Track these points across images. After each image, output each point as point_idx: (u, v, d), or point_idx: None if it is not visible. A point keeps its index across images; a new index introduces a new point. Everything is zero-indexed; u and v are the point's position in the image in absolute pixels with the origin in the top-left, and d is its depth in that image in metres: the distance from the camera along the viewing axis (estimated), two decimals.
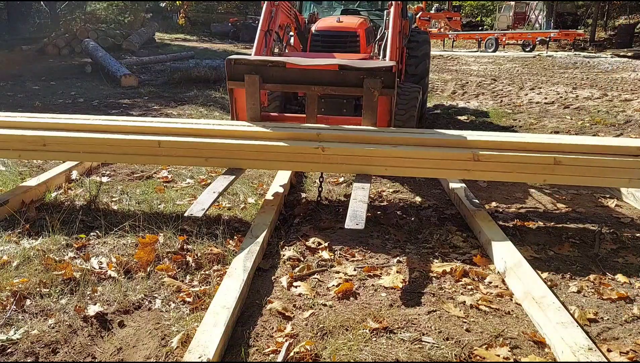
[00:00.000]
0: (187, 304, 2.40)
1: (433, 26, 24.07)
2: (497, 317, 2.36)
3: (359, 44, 4.94)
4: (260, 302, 2.44)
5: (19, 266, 2.64)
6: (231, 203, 3.71)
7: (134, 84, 9.49)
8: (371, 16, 6.00)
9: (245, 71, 3.61)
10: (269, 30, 4.52)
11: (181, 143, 3.40)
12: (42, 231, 3.05)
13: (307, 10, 6.42)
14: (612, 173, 3.19)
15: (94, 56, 11.30)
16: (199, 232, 3.12)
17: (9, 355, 2.03)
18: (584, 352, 1.96)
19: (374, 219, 3.47)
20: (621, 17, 21.96)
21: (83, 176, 4.16)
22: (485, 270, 2.81)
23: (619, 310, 2.45)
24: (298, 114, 4.25)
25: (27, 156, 3.87)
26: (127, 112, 7.06)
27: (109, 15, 18.87)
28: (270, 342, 2.14)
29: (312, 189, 4.03)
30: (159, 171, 4.40)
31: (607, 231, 3.33)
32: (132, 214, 3.39)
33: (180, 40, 20.25)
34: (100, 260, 2.76)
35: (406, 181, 4.29)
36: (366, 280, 2.66)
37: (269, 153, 3.38)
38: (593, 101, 8.88)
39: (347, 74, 3.53)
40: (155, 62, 12.89)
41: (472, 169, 3.23)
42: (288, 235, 3.20)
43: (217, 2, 26.96)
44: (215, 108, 7.50)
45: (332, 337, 2.16)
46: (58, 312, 2.28)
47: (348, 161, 3.35)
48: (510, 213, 3.67)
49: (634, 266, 2.88)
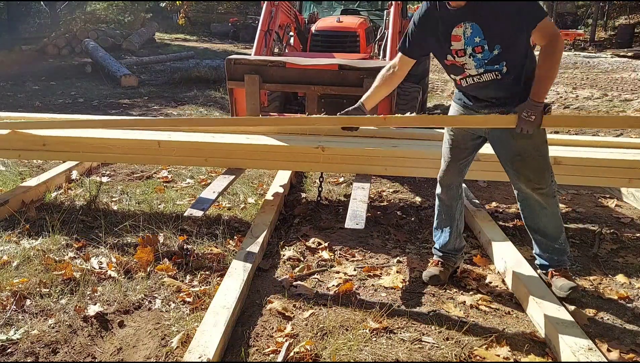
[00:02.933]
0: (187, 304, 2.40)
1: None
2: (497, 317, 2.36)
3: (359, 44, 4.94)
4: (260, 302, 2.43)
5: (19, 266, 2.64)
6: (231, 203, 3.71)
7: (134, 84, 9.49)
8: (371, 16, 6.00)
9: (245, 71, 3.61)
10: (269, 30, 4.52)
11: (181, 142, 3.40)
12: (42, 231, 3.05)
13: (307, 10, 6.43)
14: (612, 173, 3.19)
15: (94, 56, 11.30)
16: (199, 232, 3.12)
17: (9, 355, 2.03)
18: (584, 352, 1.96)
19: (374, 219, 3.47)
20: (621, 17, 21.95)
21: (83, 176, 4.16)
22: (485, 270, 2.81)
23: (619, 310, 2.45)
24: (298, 114, 4.25)
25: (27, 156, 3.87)
26: (127, 112, 7.06)
27: (109, 15, 18.84)
28: (270, 342, 2.14)
29: (312, 189, 4.03)
30: (159, 171, 4.40)
31: (607, 231, 3.33)
32: (132, 214, 3.39)
33: (180, 40, 20.24)
34: (100, 260, 2.76)
35: (406, 181, 4.29)
36: (366, 280, 2.66)
37: (269, 153, 3.38)
38: (593, 101, 8.87)
39: (347, 74, 3.53)
40: (155, 62, 12.89)
41: (472, 169, 3.22)
42: (288, 235, 3.20)
43: (217, 2, 26.93)
44: (215, 108, 7.50)
45: (332, 337, 2.16)
46: (58, 312, 2.28)
47: (348, 161, 3.35)
48: (510, 213, 3.67)
49: (634, 266, 2.88)
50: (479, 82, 2.30)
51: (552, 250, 2.54)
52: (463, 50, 2.23)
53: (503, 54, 2.19)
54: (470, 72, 2.28)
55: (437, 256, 2.73)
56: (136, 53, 14.12)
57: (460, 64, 2.29)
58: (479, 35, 2.18)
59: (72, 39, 13.56)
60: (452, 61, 2.31)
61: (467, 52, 2.23)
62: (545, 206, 2.44)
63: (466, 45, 2.22)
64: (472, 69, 2.27)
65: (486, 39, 2.17)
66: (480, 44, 2.19)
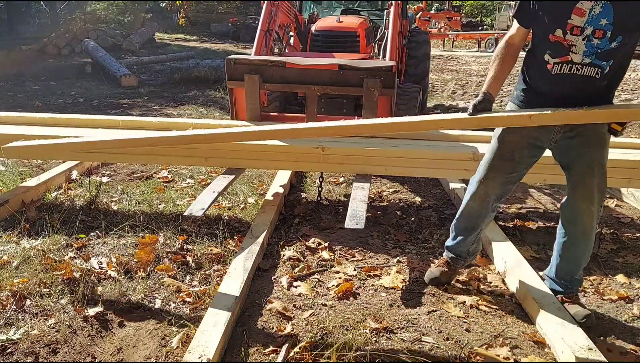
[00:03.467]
0: (187, 304, 2.40)
1: (433, 26, 24.04)
2: (497, 317, 2.36)
3: (359, 44, 4.94)
4: (260, 302, 2.44)
5: (19, 266, 2.64)
6: (231, 203, 3.71)
7: (134, 84, 9.49)
8: (371, 16, 6.00)
9: (245, 71, 3.61)
10: (269, 30, 4.52)
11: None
12: (42, 231, 3.05)
13: (307, 10, 6.42)
14: (612, 173, 3.18)
15: (94, 56, 11.30)
16: (199, 232, 3.12)
17: (9, 355, 2.03)
18: (584, 352, 1.96)
19: (374, 219, 3.47)
20: None
21: (83, 176, 4.16)
22: (485, 270, 2.81)
23: (619, 310, 2.46)
24: (298, 114, 4.25)
25: (27, 156, 3.87)
26: (127, 112, 7.06)
27: (109, 15, 18.84)
28: (270, 342, 2.14)
29: (312, 189, 4.03)
30: (159, 171, 4.40)
31: (607, 231, 3.33)
32: (132, 214, 3.39)
33: (180, 40, 20.25)
34: (100, 260, 2.77)
35: (406, 181, 4.29)
36: (366, 280, 2.66)
37: (269, 153, 3.38)
38: None
39: (346, 74, 3.53)
40: (155, 62, 12.89)
41: (472, 169, 3.23)
42: (288, 235, 3.20)
43: (217, 2, 26.95)
44: (215, 108, 7.50)
45: (332, 337, 2.16)
46: (58, 312, 2.28)
47: (348, 161, 3.35)
48: (510, 213, 3.67)
49: (634, 266, 2.88)
50: (575, 75, 2.01)
51: (571, 279, 2.38)
52: (581, 28, 1.92)
53: (618, 50, 1.94)
54: (574, 57, 1.98)
55: (447, 255, 2.58)
56: (136, 53, 14.12)
57: (568, 44, 1.97)
58: (608, 17, 1.87)
59: (72, 39, 13.55)
60: (559, 37, 1.98)
61: (585, 33, 1.93)
62: (589, 232, 2.24)
63: (587, 24, 1.91)
64: (578, 54, 1.97)
65: (614, 25, 1.88)
66: (604, 28, 1.89)
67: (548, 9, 2.02)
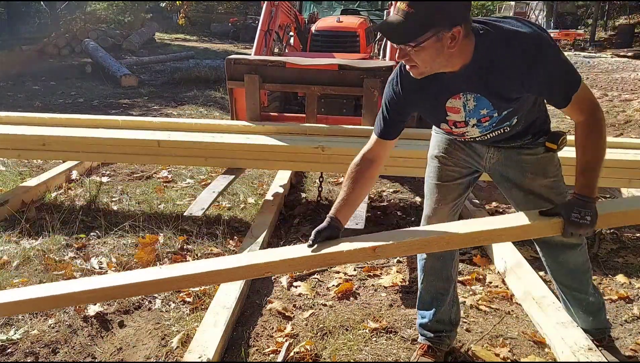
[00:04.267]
0: (187, 304, 2.40)
1: None
2: (497, 317, 2.37)
3: (359, 44, 4.94)
4: (260, 302, 2.44)
5: (19, 266, 2.64)
6: (231, 203, 3.71)
7: (134, 84, 9.48)
8: (371, 16, 6.00)
9: (245, 71, 3.61)
10: (269, 30, 4.52)
11: (181, 142, 3.40)
12: (42, 231, 3.05)
13: (307, 10, 6.43)
14: (612, 173, 3.19)
15: (94, 56, 11.29)
16: (199, 232, 3.12)
17: (9, 355, 2.03)
18: (584, 352, 1.96)
19: (374, 219, 3.47)
20: (621, 17, 21.95)
21: (83, 176, 4.16)
22: (485, 270, 2.81)
23: (619, 310, 2.46)
24: (298, 114, 4.25)
25: (27, 156, 3.87)
26: (127, 112, 7.06)
27: (109, 15, 18.84)
28: (270, 342, 2.14)
29: (312, 189, 4.03)
30: (159, 171, 4.40)
31: (607, 231, 3.33)
32: (132, 214, 3.39)
33: (180, 40, 20.23)
34: (100, 260, 2.76)
35: (406, 181, 4.29)
36: (366, 280, 2.66)
37: (269, 153, 3.38)
38: None
39: (346, 74, 3.53)
40: (155, 62, 12.87)
41: None
42: (288, 235, 3.20)
43: (217, 2, 26.94)
44: (215, 108, 7.50)
45: (332, 337, 2.16)
46: (58, 312, 2.28)
47: (348, 161, 3.32)
48: (510, 213, 3.66)
49: (634, 266, 2.88)
50: (483, 140, 1.81)
51: (586, 306, 2.03)
52: (464, 122, 1.71)
53: (515, 111, 1.68)
54: (472, 135, 1.78)
55: (426, 338, 2.05)
56: (136, 53, 14.11)
57: (461, 133, 1.78)
58: (486, 106, 1.65)
59: (72, 39, 13.54)
60: (448, 129, 1.79)
61: (470, 123, 1.71)
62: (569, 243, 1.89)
63: (468, 117, 1.69)
64: (475, 134, 1.76)
65: (496, 108, 1.65)
66: (488, 115, 1.67)
67: (422, 110, 1.83)
